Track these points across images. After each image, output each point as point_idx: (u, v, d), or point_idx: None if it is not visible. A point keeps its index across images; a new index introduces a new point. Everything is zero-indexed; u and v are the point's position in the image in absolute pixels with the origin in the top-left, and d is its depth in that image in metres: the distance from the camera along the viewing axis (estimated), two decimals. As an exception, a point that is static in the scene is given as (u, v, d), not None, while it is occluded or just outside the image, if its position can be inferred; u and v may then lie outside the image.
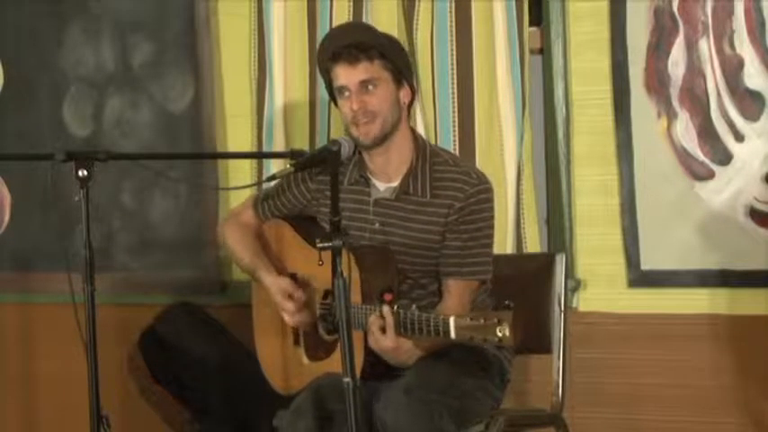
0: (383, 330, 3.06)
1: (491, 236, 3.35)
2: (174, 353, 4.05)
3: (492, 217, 3.34)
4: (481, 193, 3.29)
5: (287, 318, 3.37)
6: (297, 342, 3.42)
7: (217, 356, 4.01)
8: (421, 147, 3.36)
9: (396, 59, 3.31)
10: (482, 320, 2.84)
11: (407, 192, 3.31)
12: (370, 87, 3.26)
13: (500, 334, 2.81)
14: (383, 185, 3.36)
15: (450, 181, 3.29)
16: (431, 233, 3.29)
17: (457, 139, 4.02)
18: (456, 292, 3.30)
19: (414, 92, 3.37)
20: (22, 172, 4.66)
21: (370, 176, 3.37)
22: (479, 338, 2.85)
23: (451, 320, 2.89)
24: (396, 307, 3.05)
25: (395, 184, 3.34)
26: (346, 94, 3.28)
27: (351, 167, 3.39)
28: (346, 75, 3.27)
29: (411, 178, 3.31)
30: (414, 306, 3.04)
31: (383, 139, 3.29)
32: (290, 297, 3.36)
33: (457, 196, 3.27)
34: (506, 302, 2.84)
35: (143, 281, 4.52)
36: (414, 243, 3.30)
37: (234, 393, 3.96)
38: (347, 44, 3.28)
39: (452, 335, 2.90)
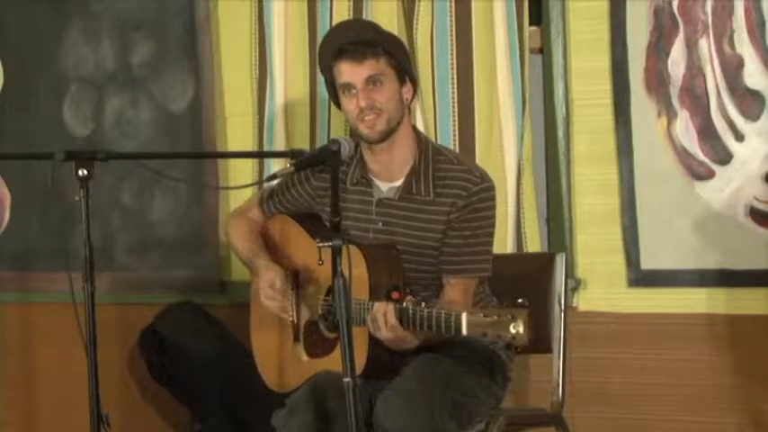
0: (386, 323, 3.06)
1: (492, 234, 3.34)
2: (174, 352, 4.05)
3: (493, 215, 3.33)
4: (484, 191, 3.29)
5: (263, 300, 3.37)
6: (296, 339, 3.42)
7: (217, 356, 4.01)
8: (423, 144, 3.35)
9: (399, 56, 3.31)
10: (496, 317, 2.82)
11: (411, 191, 3.30)
12: (377, 84, 3.24)
13: (513, 331, 2.79)
14: (386, 185, 3.35)
15: (452, 179, 3.28)
16: (433, 231, 3.28)
17: (457, 138, 4.02)
18: (458, 289, 3.29)
19: (415, 89, 3.36)
20: (22, 172, 4.66)
21: (372, 177, 3.36)
22: (493, 335, 2.83)
23: (464, 316, 2.88)
24: (405, 303, 3.05)
25: (398, 183, 3.33)
26: (352, 91, 3.25)
27: (352, 168, 3.37)
28: (352, 71, 3.24)
29: (414, 177, 3.30)
30: (423, 303, 3.04)
31: (388, 134, 3.27)
32: (274, 288, 3.35)
33: (460, 194, 3.26)
34: (520, 300, 2.83)
35: (143, 280, 4.52)
36: (417, 242, 3.29)
37: (234, 393, 3.96)
38: (352, 41, 3.27)
39: (464, 331, 2.88)
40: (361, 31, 3.37)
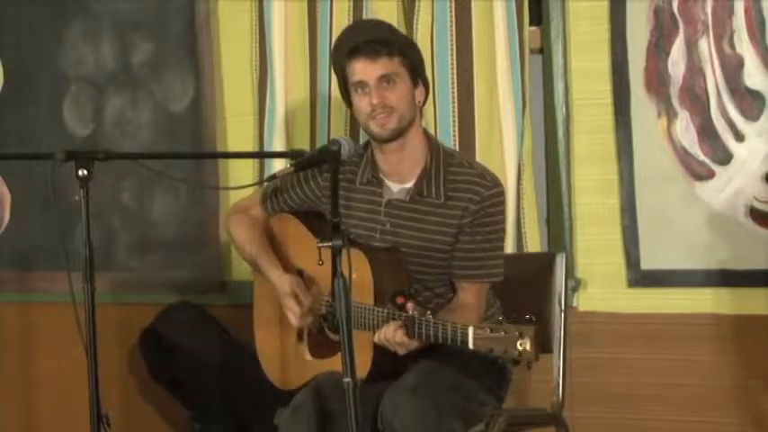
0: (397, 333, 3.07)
1: (503, 238, 3.35)
2: (174, 352, 4.05)
3: (504, 219, 3.33)
4: (495, 196, 3.28)
5: (292, 319, 3.35)
6: (300, 338, 3.41)
7: (216, 356, 4.01)
8: (434, 147, 3.34)
9: (413, 57, 3.30)
10: (503, 333, 2.83)
11: (422, 193, 3.29)
12: (390, 83, 3.23)
13: (521, 348, 2.80)
14: (397, 186, 3.34)
15: (464, 183, 3.27)
16: (443, 235, 3.27)
17: (457, 138, 4.02)
18: (472, 294, 3.29)
19: (428, 92, 3.36)
20: (22, 172, 4.66)
21: (383, 177, 3.35)
22: (499, 350, 2.84)
23: (470, 331, 2.89)
24: (411, 312, 3.04)
25: (409, 185, 3.32)
26: (365, 89, 3.24)
27: (363, 167, 3.36)
28: (365, 69, 3.23)
29: (425, 180, 3.29)
30: (428, 313, 3.04)
31: (399, 133, 3.26)
32: (298, 300, 3.34)
33: (472, 199, 3.25)
34: (528, 316, 2.83)
35: (143, 280, 4.52)
36: (425, 245, 3.28)
37: (233, 393, 3.96)
38: (367, 39, 3.26)
39: (470, 345, 2.89)
40: (375, 30, 3.37)
